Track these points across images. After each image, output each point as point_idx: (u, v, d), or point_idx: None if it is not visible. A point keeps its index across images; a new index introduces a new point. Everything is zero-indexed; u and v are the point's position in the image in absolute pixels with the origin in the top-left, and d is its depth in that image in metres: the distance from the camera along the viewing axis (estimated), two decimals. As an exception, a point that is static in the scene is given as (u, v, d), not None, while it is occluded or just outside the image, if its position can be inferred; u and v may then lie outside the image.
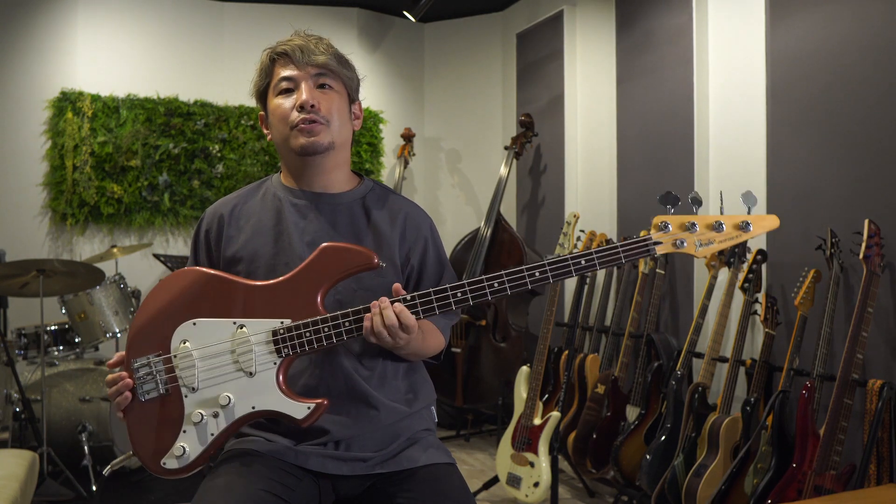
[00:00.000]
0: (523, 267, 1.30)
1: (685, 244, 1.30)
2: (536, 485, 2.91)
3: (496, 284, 1.30)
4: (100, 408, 3.35)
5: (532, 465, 2.95)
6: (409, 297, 1.31)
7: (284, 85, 1.45)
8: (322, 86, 1.46)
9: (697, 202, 1.34)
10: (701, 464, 2.59)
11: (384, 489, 1.40)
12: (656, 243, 1.30)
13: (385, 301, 1.30)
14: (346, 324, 1.31)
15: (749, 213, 1.32)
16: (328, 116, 1.45)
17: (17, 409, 3.19)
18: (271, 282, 1.36)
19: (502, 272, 1.30)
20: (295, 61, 1.45)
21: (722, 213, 1.34)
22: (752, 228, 1.30)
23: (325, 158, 1.47)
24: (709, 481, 2.52)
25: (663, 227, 1.30)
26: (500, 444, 3.13)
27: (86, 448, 3.24)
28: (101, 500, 3.13)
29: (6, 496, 1.95)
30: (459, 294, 1.30)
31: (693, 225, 1.30)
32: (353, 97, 1.53)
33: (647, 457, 2.77)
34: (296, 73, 1.45)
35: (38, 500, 2.98)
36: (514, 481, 3.00)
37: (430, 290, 1.32)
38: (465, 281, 1.31)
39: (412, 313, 1.30)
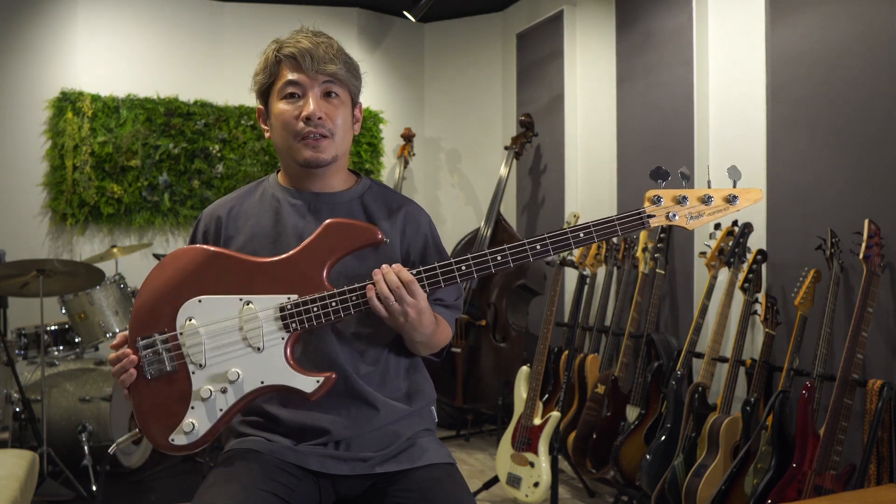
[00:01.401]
0: (524, 241, 1.32)
1: (677, 217, 1.35)
2: (536, 485, 2.91)
3: (499, 257, 1.32)
4: (100, 408, 3.35)
5: (532, 465, 2.95)
6: (414, 272, 1.32)
7: (290, 90, 1.43)
8: (328, 94, 1.44)
9: (686, 177, 1.38)
10: (701, 464, 2.59)
11: (384, 489, 1.40)
12: (650, 216, 1.34)
13: (385, 266, 1.32)
14: (353, 298, 1.32)
15: (734, 186, 1.37)
16: (333, 129, 1.44)
17: (17, 409, 3.19)
18: (276, 258, 1.36)
19: (505, 246, 1.32)
20: (304, 67, 1.41)
21: (710, 185, 1.40)
22: (738, 201, 1.35)
23: (326, 168, 1.47)
24: (709, 481, 2.52)
25: (656, 201, 1.35)
26: (500, 444, 3.13)
27: (86, 448, 3.25)
28: (102, 498, 3.13)
29: (6, 496, 1.95)
30: (464, 267, 1.32)
31: (684, 198, 1.35)
32: (355, 102, 1.52)
33: (647, 457, 2.77)
34: (303, 79, 1.42)
35: (38, 500, 2.98)
36: (514, 481, 3.00)
37: (435, 264, 1.33)
38: (468, 255, 1.33)
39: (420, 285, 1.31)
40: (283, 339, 1.33)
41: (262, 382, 1.33)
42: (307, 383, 1.32)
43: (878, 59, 2.42)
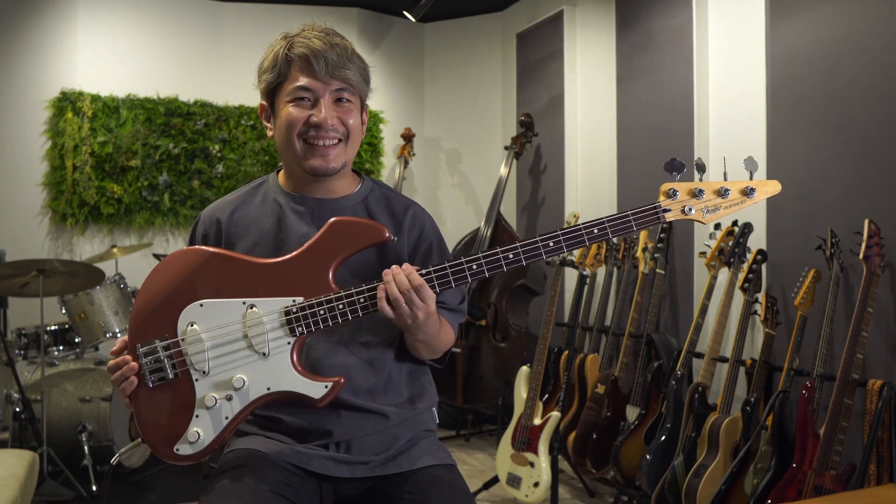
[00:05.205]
0: (537, 237, 1.28)
1: (693, 210, 1.30)
2: (536, 485, 2.91)
3: (511, 255, 1.28)
4: (100, 408, 3.35)
5: (532, 465, 2.95)
6: (424, 272, 1.28)
7: (301, 94, 1.37)
8: (340, 99, 1.40)
9: (701, 168, 1.34)
10: (701, 464, 2.59)
11: (384, 490, 1.40)
12: (665, 210, 1.30)
13: (395, 267, 1.28)
14: (361, 300, 1.28)
15: (751, 177, 1.33)
16: (347, 132, 1.40)
17: (17, 409, 3.19)
18: (279, 259, 1.32)
19: (517, 244, 1.28)
20: (316, 71, 1.35)
21: (725, 178, 1.35)
22: (756, 194, 1.31)
23: (332, 175, 1.44)
24: (709, 481, 2.52)
25: (671, 195, 1.30)
26: (500, 444, 3.13)
27: (86, 448, 3.24)
28: (104, 498, 3.13)
29: (6, 496, 1.95)
30: (475, 266, 1.28)
31: (700, 191, 1.30)
32: (363, 106, 1.48)
33: (647, 457, 2.77)
34: (315, 85, 1.37)
35: (38, 500, 2.98)
36: (514, 481, 3.00)
37: (445, 263, 1.28)
38: (479, 254, 1.28)
39: (429, 286, 1.27)
40: (289, 343, 1.29)
41: (269, 389, 1.29)
42: (315, 389, 1.28)
43: (878, 58, 2.42)
